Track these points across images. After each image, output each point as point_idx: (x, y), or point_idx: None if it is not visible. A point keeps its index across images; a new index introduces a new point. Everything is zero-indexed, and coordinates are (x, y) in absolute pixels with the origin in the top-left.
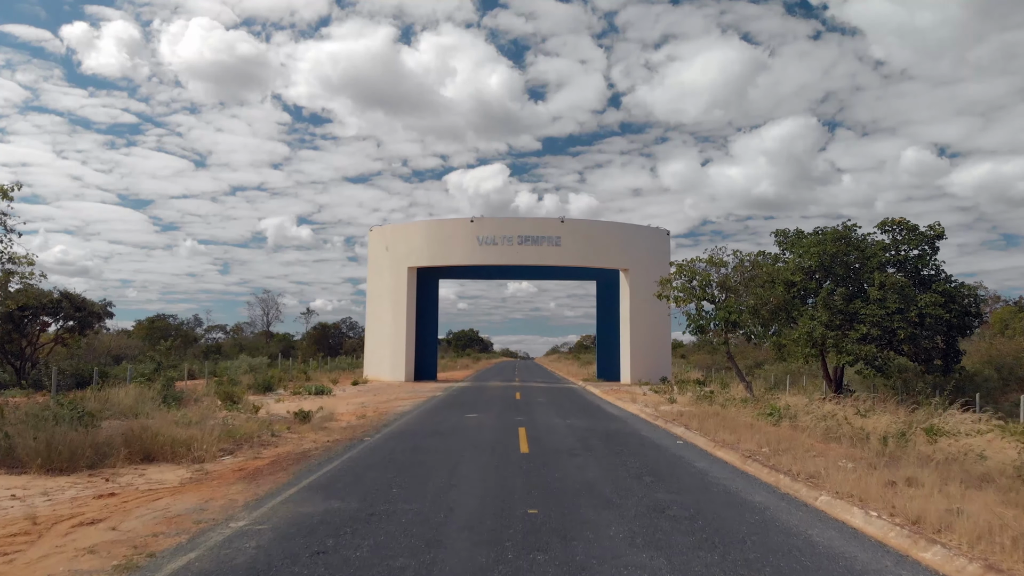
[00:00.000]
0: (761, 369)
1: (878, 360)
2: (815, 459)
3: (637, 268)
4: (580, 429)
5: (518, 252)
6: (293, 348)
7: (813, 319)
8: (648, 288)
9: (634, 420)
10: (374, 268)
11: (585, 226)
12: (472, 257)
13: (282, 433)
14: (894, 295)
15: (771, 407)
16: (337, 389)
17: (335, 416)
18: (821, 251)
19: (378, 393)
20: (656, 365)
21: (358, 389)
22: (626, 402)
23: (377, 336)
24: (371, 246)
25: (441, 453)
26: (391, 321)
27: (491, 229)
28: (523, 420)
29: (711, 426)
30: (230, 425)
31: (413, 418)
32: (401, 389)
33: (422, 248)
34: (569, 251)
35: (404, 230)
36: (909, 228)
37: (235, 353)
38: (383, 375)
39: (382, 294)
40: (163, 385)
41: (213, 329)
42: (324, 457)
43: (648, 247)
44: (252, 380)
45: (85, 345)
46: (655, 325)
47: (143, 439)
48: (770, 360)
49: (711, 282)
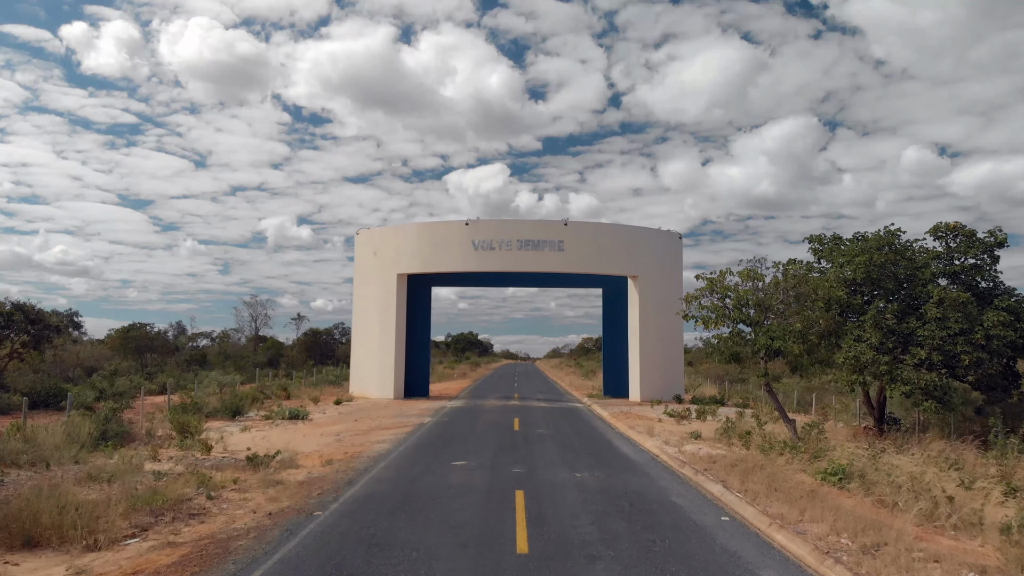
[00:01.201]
0: (778, 384)
1: (938, 391)
2: (929, 568)
3: (647, 275)
4: (594, 492)
5: (517, 257)
6: (282, 356)
7: (860, 341)
8: (659, 297)
9: (658, 470)
10: (361, 275)
11: (590, 229)
12: (467, 263)
13: (223, 492)
14: (955, 313)
15: (832, 464)
16: (316, 411)
17: (297, 460)
18: (867, 261)
19: (360, 418)
20: (668, 381)
21: (339, 411)
22: (641, 434)
23: (364, 349)
24: (358, 251)
25: (406, 555)
26: (379, 333)
27: (488, 232)
28: (522, 473)
29: (757, 486)
30: (160, 481)
31: (387, 468)
32: (387, 411)
33: (413, 253)
34: (573, 256)
35: (393, 233)
36: (965, 234)
37: (220, 362)
38: (370, 392)
39: (369, 303)
40: (103, 418)
41: (198, 336)
42: (249, 555)
43: (658, 252)
44: (220, 401)
45: (51, 358)
46: (666, 337)
47: (22, 518)
48: (787, 373)
49: (748, 301)
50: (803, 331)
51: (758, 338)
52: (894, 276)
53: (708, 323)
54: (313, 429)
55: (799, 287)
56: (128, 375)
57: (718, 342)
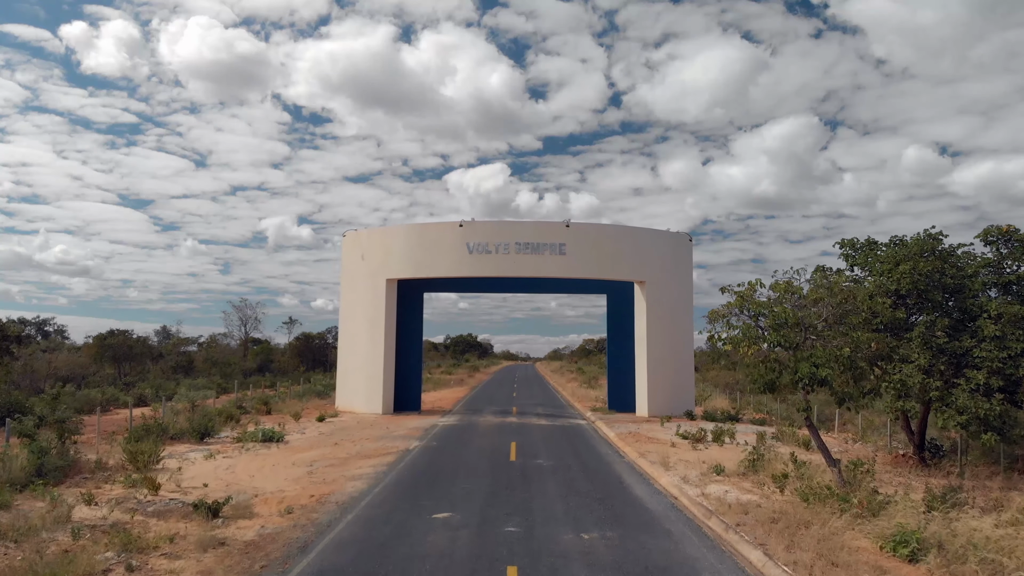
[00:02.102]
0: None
1: (997, 420)
2: None
3: (655, 280)
4: (607, 570)
5: (516, 262)
6: (272, 362)
7: (906, 362)
8: (668, 304)
9: (680, 526)
10: (348, 280)
11: (594, 231)
12: (461, 267)
13: (150, 557)
14: (1016, 330)
15: (901, 531)
16: (296, 430)
17: (254, 507)
18: (912, 269)
19: (341, 440)
20: (678, 395)
21: (320, 431)
22: (655, 466)
23: (351, 360)
24: (344, 254)
25: None
26: (366, 343)
27: (484, 235)
28: (516, 535)
29: (808, 555)
30: (79, 541)
31: (355, 522)
32: (372, 430)
33: (403, 257)
34: (575, 260)
35: (382, 236)
36: (1020, 239)
37: (207, 369)
38: (357, 406)
39: (356, 311)
40: (39, 449)
41: (188, 342)
42: None
43: (667, 256)
44: (188, 421)
45: (20, 368)
46: (676, 347)
47: None
48: None
49: (787, 320)
50: (851, 356)
51: (799, 365)
52: (942, 287)
53: (739, 347)
54: (286, 456)
55: (846, 303)
56: (102, 386)
57: (751, 369)
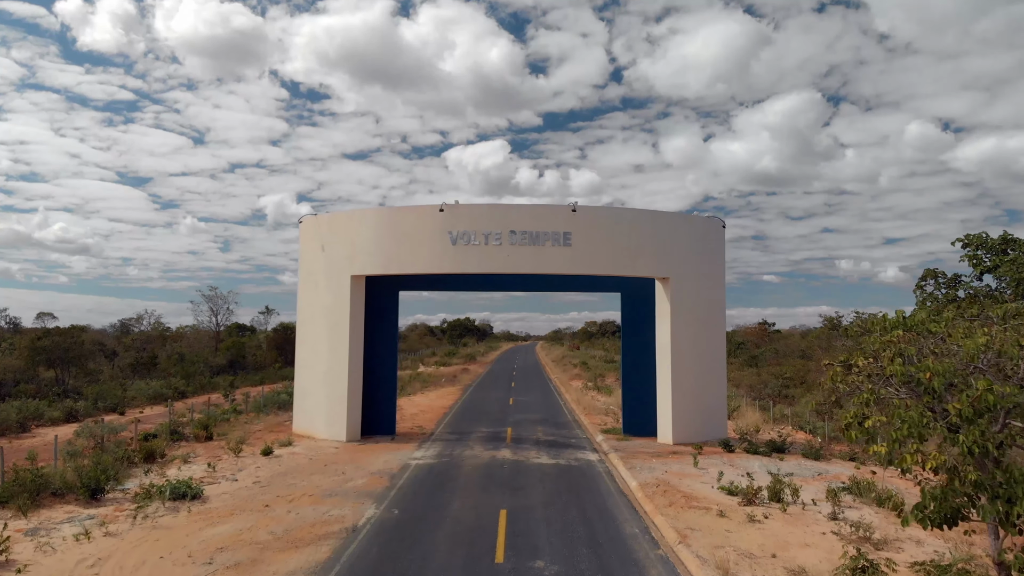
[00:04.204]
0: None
1: None
2: None
3: (681, 276)
4: None
5: (509, 255)
6: (244, 357)
7: None
8: (696, 305)
9: None
10: (306, 276)
11: (606, 217)
12: (442, 262)
13: None
14: None
15: None
16: (229, 471)
17: None
18: None
19: (275, 499)
20: (708, 416)
21: (257, 476)
22: (706, 566)
23: (309, 374)
24: (302, 244)
25: None
26: (328, 353)
27: (470, 221)
28: None
29: None
30: None
31: None
32: (323, 477)
33: (371, 249)
34: (583, 253)
35: (346, 223)
36: None
37: (171, 365)
38: (317, 430)
39: (316, 314)
40: None
41: (145, 337)
42: None
43: (696, 246)
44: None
45: None
46: (706, 358)
47: None
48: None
49: (954, 381)
50: None
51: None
52: None
53: (903, 449)
54: (190, 534)
55: None
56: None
57: (924, 494)
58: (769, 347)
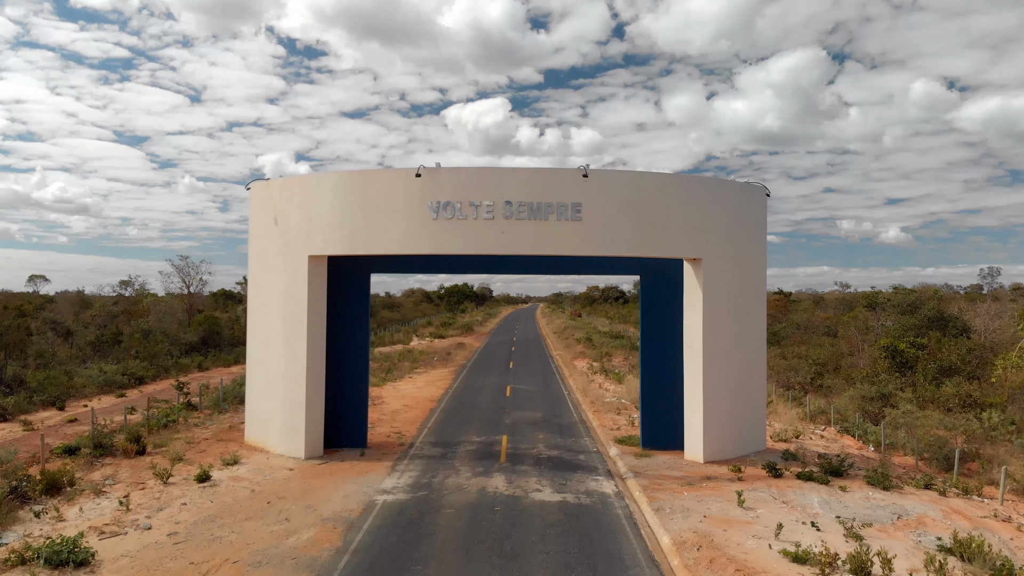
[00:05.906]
0: (893, 410)
1: None
2: None
3: (717, 256)
4: None
5: (505, 231)
6: (219, 333)
7: None
8: (735, 291)
9: None
10: (257, 255)
11: (624, 184)
12: (420, 240)
13: None
14: None
15: None
16: (149, 505)
17: None
18: None
19: (199, 548)
20: (746, 425)
21: (180, 517)
22: None
23: (263, 373)
24: (252, 216)
25: None
26: (283, 349)
27: (456, 189)
28: None
29: None
30: None
31: None
32: (263, 523)
33: (334, 222)
34: (597, 228)
35: (301, 189)
36: None
37: (137, 343)
38: (272, 442)
39: (269, 301)
40: None
41: (104, 315)
42: None
43: (733, 219)
44: None
45: None
46: (744, 354)
47: None
48: (866, 377)
49: None
50: None
51: None
52: None
53: None
54: None
55: None
56: None
57: None
58: (789, 320)
